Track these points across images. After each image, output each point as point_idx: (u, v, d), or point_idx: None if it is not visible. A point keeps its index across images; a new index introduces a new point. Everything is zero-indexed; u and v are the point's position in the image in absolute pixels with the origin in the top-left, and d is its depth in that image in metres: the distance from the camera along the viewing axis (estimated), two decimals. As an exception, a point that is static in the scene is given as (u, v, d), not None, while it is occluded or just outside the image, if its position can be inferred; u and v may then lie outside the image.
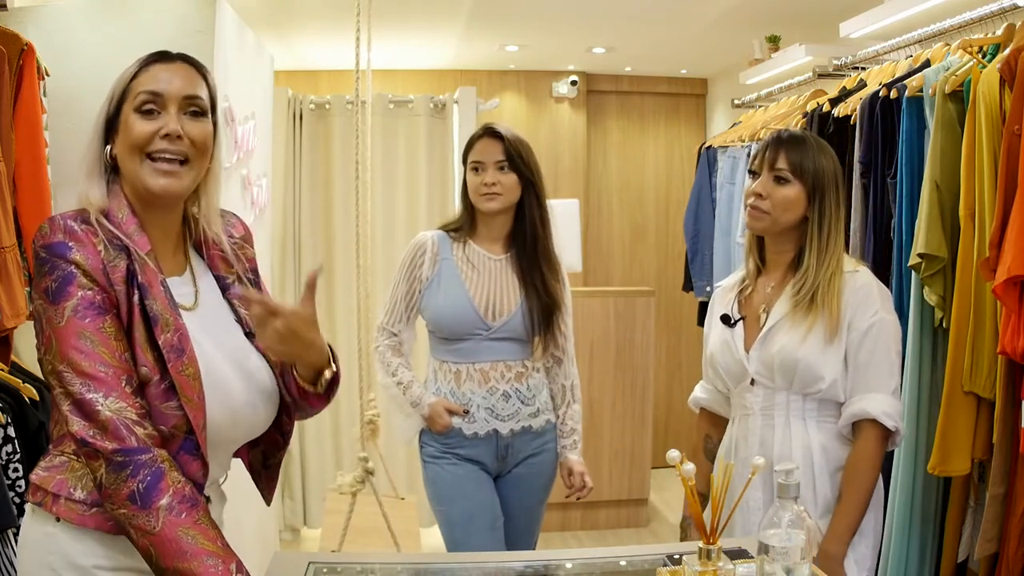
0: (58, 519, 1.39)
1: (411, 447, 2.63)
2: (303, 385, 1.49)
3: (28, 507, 1.44)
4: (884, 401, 1.96)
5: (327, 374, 1.49)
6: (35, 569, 1.40)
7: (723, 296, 2.18)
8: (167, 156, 1.40)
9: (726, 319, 2.10)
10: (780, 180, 1.99)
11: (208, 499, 1.50)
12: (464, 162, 2.52)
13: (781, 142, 2.02)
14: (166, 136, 1.40)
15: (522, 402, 2.48)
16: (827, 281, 1.98)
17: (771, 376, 2.01)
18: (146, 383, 1.36)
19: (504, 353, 2.47)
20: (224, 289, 1.54)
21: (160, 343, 1.36)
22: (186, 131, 1.42)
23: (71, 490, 1.38)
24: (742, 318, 2.09)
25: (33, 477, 1.43)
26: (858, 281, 2.00)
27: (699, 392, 2.29)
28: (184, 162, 1.43)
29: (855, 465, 1.97)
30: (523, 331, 2.47)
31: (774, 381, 2.01)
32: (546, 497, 2.61)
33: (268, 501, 1.66)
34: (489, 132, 2.48)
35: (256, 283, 1.62)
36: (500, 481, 2.53)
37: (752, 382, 2.04)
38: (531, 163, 2.48)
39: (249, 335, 1.53)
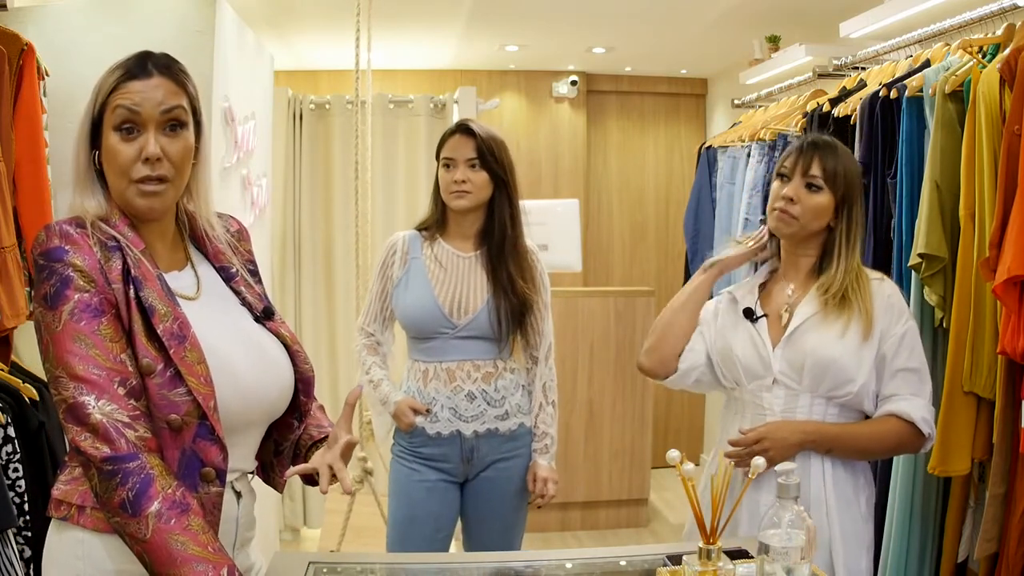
0: (84, 528, 1.39)
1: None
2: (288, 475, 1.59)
3: (53, 522, 1.44)
4: (924, 407, 1.95)
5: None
6: None
7: (740, 292, 2.11)
8: (150, 179, 1.42)
9: (749, 313, 2.04)
10: (812, 187, 1.96)
11: (239, 494, 1.52)
12: (437, 158, 2.51)
13: (817, 147, 1.98)
14: (147, 160, 1.40)
15: (488, 403, 2.44)
16: (854, 280, 1.96)
17: (798, 377, 1.95)
18: (151, 374, 1.36)
19: (471, 352, 2.45)
20: (228, 279, 1.56)
21: (159, 332, 1.37)
22: (165, 151, 1.42)
23: (96, 500, 1.37)
24: (765, 315, 2.03)
25: (55, 492, 1.42)
26: (886, 290, 1.99)
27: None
28: (165, 180, 1.43)
29: (872, 434, 1.95)
30: (490, 330, 2.44)
31: (801, 383, 1.95)
32: (523, 502, 2.55)
33: (280, 487, 1.66)
34: (462, 129, 2.46)
35: (255, 274, 1.64)
36: (469, 485, 2.50)
37: (773, 381, 1.99)
38: (504, 161, 2.46)
39: (258, 319, 1.55)
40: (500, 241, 2.47)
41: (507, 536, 2.55)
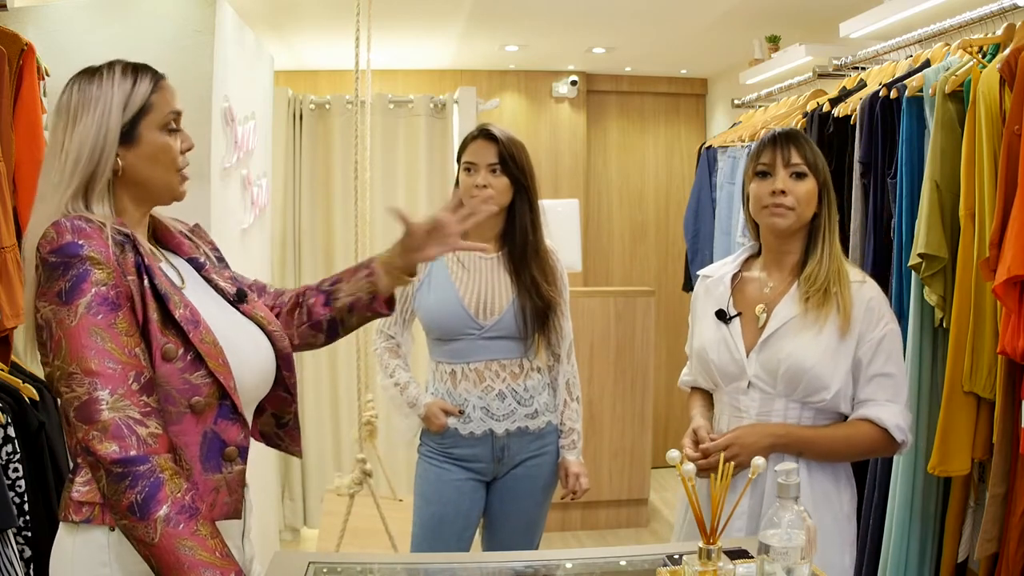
0: (111, 529, 1.37)
1: (410, 448, 2.64)
2: (385, 294, 1.69)
3: (66, 527, 1.40)
4: (899, 413, 1.93)
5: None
6: None
7: (714, 287, 2.11)
8: (184, 167, 1.54)
9: (722, 315, 2.03)
10: (799, 176, 1.97)
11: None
12: (458, 161, 2.52)
13: (789, 138, 1.99)
14: (189, 149, 1.54)
15: (518, 402, 2.47)
16: (836, 274, 1.95)
17: (773, 383, 1.94)
18: (173, 359, 1.39)
19: (498, 352, 2.46)
20: (199, 268, 1.60)
21: (177, 317, 1.40)
22: None
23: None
24: (739, 314, 2.02)
25: (74, 495, 1.39)
26: (866, 293, 1.96)
27: (689, 375, 2.21)
28: None
29: (843, 438, 1.93)
30: (516, 329, 2.46)
31: (775, 387, 1.94)
32: (547, 499, 2.59)
33: (298, 454, 1.70)
34: (484, 134, 2.47)
35: (221, 260, 1.68)
36: (498, 483, 2.52)
37: (748, 384, 1.97)
38: (524, 166, 2.47)
39: (232, 304, 1.59)
40: (522, 244, 2.49)
41: (529, 533, 2.57)
